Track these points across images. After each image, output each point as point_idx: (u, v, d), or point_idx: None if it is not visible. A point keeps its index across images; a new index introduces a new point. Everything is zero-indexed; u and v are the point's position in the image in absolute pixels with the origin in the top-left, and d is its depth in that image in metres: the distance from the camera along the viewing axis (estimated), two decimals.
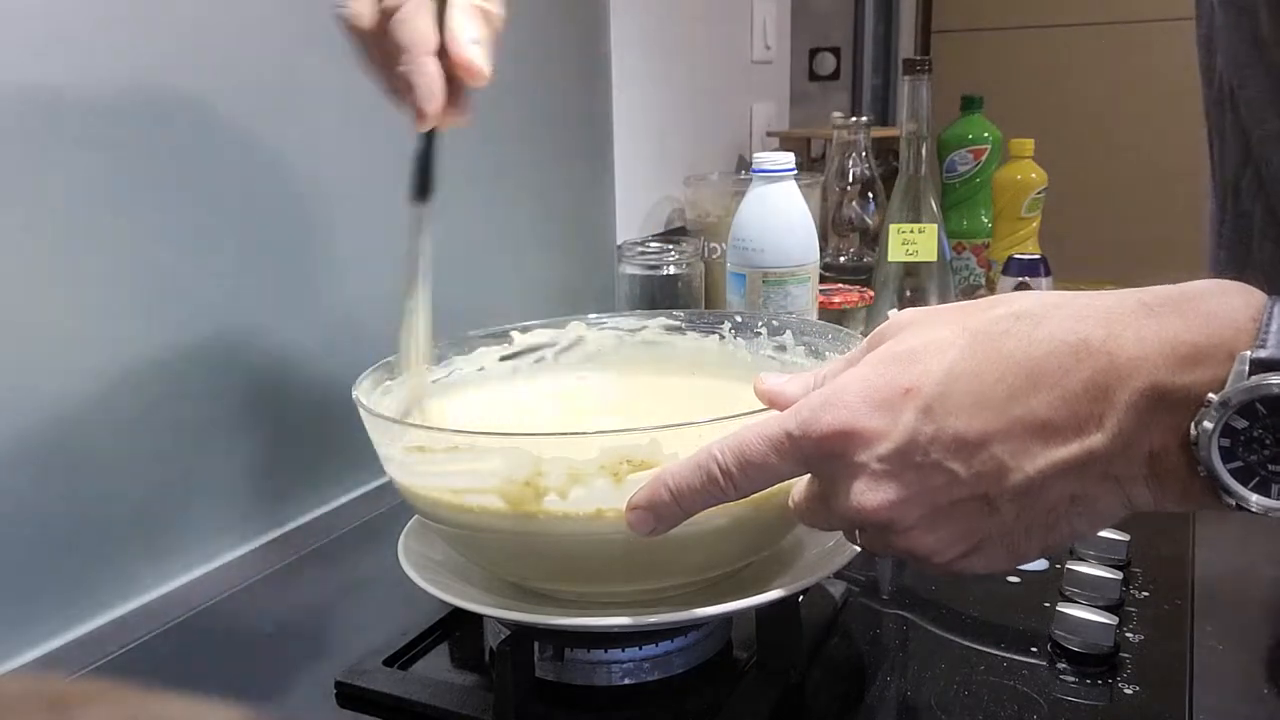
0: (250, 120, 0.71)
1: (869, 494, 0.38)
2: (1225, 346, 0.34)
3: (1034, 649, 0.55)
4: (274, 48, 0.72)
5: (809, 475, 0.42)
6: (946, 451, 0.37)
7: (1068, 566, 0.60)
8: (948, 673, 0.53)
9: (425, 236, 0.55)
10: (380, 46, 0.50)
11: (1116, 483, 0.36)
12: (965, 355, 0.37)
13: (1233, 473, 0.34)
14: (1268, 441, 0.34)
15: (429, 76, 0.48)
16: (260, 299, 0.73)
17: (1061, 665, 0.54)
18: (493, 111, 0.94)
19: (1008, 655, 0.55)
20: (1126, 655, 0.54)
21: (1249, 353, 0.33)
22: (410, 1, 0.49)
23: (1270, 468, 0.34)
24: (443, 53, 0.49)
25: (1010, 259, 1.14)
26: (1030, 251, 1.22)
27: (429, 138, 0.53)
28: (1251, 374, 0.33)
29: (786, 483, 0.43)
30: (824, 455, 0.39)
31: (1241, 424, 0.33)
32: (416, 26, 0.48)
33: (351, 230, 0.80)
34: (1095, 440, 0.35)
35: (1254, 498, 0.34)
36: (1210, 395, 0.34)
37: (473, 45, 0.49)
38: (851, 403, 0.39)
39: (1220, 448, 0.34)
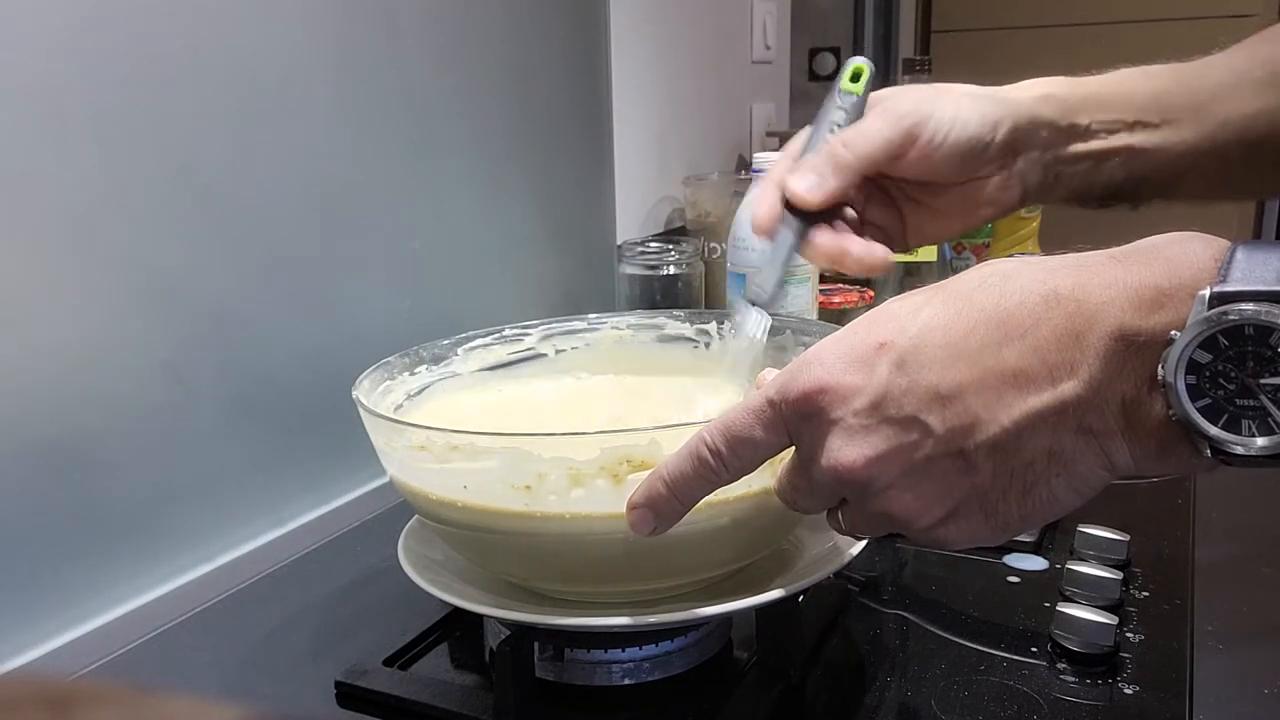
0: (251, 120, 0.71)
1: (846, 449, 0.38)
2: (1187, 287, 0.34)
3: (1034, 649, 0.55)
4: (275, 48, 0.72)
5: (792, 451, 0.42)
6: (921, 403, 0.37)
7: (1068, 566, 0.60)
8: (948, 673, 0.53)
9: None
10: None
11: (1093, 437, 0.36)
12: (939, 311, 0.38)
13: (1201, 411, 0.34)
14: (1232, 374, 0.33)
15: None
16: (260, 299, 0.73)
17: (1061, 665, 0.54)
18: (493, 112, 0.95)
19: (1008, 655, 0.55)
20: (1126, 655, 0.54)
21: (1209, 288, 0.33)
22: None
23: (1238, 402, 0.34)
24: None
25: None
26: (1030, 251, 1.22)
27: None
28: (1212, 307, 0.33)
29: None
30: (802, 416, 0.39)
31: (1205, 358, 0.33)
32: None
33: (352, 230, 0.80)
34: (1068, 388, 0.35)
35: (1213, 431, 0.34)
36: (1173, 332, 0.34)
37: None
38: (827, 360, 0.39)
39: (1187, 385, 0.34)
